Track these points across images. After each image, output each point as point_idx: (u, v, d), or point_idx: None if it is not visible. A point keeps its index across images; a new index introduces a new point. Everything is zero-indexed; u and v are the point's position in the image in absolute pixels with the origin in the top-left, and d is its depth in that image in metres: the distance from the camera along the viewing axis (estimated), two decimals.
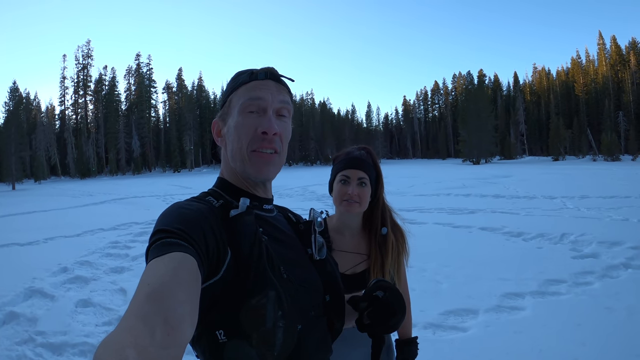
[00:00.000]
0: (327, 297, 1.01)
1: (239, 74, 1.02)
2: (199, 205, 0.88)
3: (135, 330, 0.56)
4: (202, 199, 0.94)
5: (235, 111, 0.97)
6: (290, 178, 30.77)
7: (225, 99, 1.02)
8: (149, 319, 0.58)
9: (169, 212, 0.83)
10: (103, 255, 7.50)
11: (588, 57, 76.96)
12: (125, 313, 0.60)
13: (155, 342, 0.55)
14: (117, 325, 0.57)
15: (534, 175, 23.04)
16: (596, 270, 5.40)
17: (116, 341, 0.53)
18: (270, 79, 0.99)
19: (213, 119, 1.06)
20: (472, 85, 73.86)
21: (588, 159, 52.24)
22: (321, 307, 1.00)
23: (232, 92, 1.00)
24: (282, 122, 0.98)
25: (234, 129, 0.96)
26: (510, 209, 10.91)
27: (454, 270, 5.70)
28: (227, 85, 1.04)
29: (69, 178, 61.48)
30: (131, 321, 0.57)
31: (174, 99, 76.80)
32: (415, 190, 17.75)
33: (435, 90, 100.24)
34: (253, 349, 0.78)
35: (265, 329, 0.78)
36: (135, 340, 0.54)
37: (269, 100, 0.96)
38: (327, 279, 1.03)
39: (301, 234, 1.06)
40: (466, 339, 3.73)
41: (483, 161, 54.68)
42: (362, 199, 1.72)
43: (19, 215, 14.71)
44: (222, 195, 0.96)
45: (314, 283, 0.98)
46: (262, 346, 0.78)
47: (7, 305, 4.94)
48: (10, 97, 63.13)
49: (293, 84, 1.09)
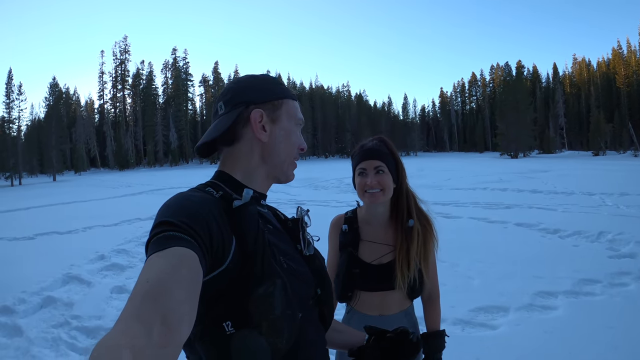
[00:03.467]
0: (319, 291, 1.03)
1: (282, 83, 1.08)
2: (203, 195, 0.88)
3: (132, 330, 0.55)
4: (202, 189, 0.93)
5: (289, 120, 1.04)
6: (326, 170, 30.80)
7: (277, 99, 1.02)
8: (146, 319, 0.57)
9: (172, 203, 0.82)
10: (139, 244, 7.72)
11: (630, 47, 73.22)
12: (122, 312, 0.59)
13: (151, 343, 0.55)
14: (114, 326, 0.57)
15: (573, 170, 22.30)
16: (633, 271, 5.18)
17: (112, 342, 0.53)
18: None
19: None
20: (510, 77, 71.66)
21: (629, 154, 49.90)
22: (314, 299, 1.02)
23: (286, 97, 1.04)
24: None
25: (287, 136, 1.03)
26: (547, 205, 10.61)
27: (487, 266, 5.60)
28: (273, 82, 1.05)
29: (108, 169, 63.41)
30: (128, 321, 0.57)
31: (211, 92, 78.04)
32: (452, 183, 17.53)
33: (472, 81, 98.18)
34: (263, 337, 0.78)
35: (274, 317, 0.79)
36: (131, 341, 0.53)
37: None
38: (317, 273, 1.05)
39: (289, 231, 1.07)
40: (495, 337, 3.67)
41: (521, 155, 53.36)
42: (383, 186, 1.70)
43: (59, 205, 15.31)
44: (222, 187, 0.95)
45: (307, 275, 1.00)
46: (271, 334, 0.79)
47: (46, 290, 5.15)
48: (51, 92, 65.08)
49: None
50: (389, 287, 1.70)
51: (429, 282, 1.77)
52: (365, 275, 1.71)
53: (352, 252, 1.75)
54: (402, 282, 1.66)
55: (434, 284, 1.83)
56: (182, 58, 76.57)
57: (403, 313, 1.76)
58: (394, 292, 1.72)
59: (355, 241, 1.78)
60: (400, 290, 1.71)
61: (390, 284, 1.68)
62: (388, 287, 1.70)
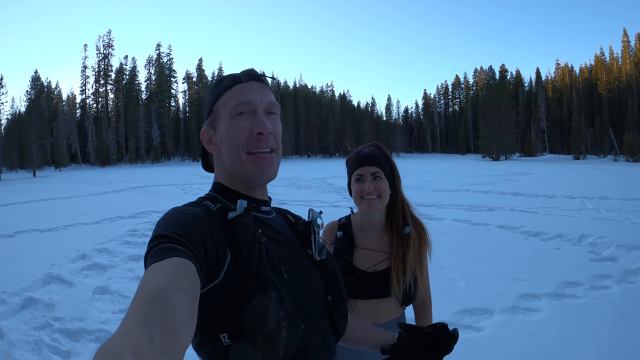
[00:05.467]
0: (329, 297, 1.02)
1: (220, 80, 1.03)
2: (197, 210, 0.88)
3: (134, 335, 0.55)
4: (200, 203, 0.95)
5: (224, 116, 0.97)
6: (308, 170, 30.72)
7: (211, 107, 1.02)
8: (148, 324, 0.58)
9: (167, 218, 0.84)
10: (121, 243, 7.62)
11: (612, 54, 74.69)
12: (123, 319, 0.60)
13: (154, 347, 0.55)
14: (116, 331, 0.57)
15: (554, 174, 22.67)
16: (614, 274, 5.29)
17: (114, 346, 0.53)
18: (253, 80, 1.00)
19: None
20: (493, 81, 72.71)
21: (609, 159, 51.04)
22: (323, 307, 1.01)
23: (217, 98, 1.00)
24: (273, 120, 0.99)
25: (226, 134, 0.96)
26: (529, 208, 10.77)
27: (470, 268, 5.65)
28: (210, 93, 1.04)
29: (89, 166, 62.38)
30: (130, 326, 0.57)
31: (194, 88, 77.27)
32: (434, 185, 17.63)
33: (456, 84, 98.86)
34: (258, 350, 0.79)
35: (268, 330, 0.79)
36: (133, 345, 0.53)
37: (257, 101, 0.97)
38: (329, 279, 1.04)
39: (300, 234, 1.06)
40: (481, 339, 3.70)
41: (503, 158, 54.04)
42: (380, 192, 1.70)
43: (39, 201, 15.04)
44: (219, 199, 0.97)
45: (315, 283, 0.99)
46: (266, 347, 0.79)
47: (26, 290, 5.05)
48: (32, 85, 64.10)
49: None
50: (384, 295, 1.70)
51: (422, 288, 1.78)
52: (360, 283, 1.71)
53: (347, 259, 1.74)
54: (397, 289, 1.66)
55: (427, 290, 1.85)
56: (166, 54, 75.67)
57: (396, 320, 1.76)
58: (387, 300, 1.73)
59: (349, 248, 1.77)
60: (394, 298, 1.72)
61: (386, 291, 1.69)
62: (383, 294, 1.70)
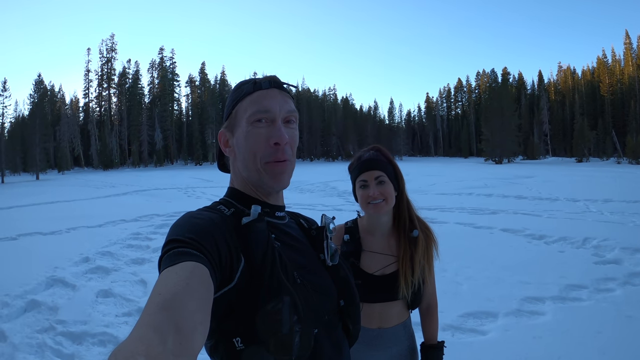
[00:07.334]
0: (342, 302, 1.02)
1: (241, 84, 1.02)
2: (211, 215, 0.89)
3: (147, 339, 0.55)
4: (214, 208, 0.95)
5: (243, 122, 0.97)
6: (311, 174, 30.82)
7: (231, 110, 1.01)
8: (161, 328, 0.58)
9: (181, 222, 0.84)
10: (124, 246, 7.62)
11: (614, 56, 74.81)
12: (137, 323, 0.60)
13: (167, 351, 0.55)
14: (129, 334, 0.57)
15: (557, 177, 22.63)
16: (618, 277, 5.26)
17: (128, 349, 0.53)
18: (274, 88, 0.99)
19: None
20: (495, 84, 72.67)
21: (612, 161, 50.99)
22: (336, 311, 1.01)
23: (237, 102, 0.99)
24: (290, 130, 0.98)
25: (244, 140, 0.96)
26: (532, 211, 10.73)
27: (474, 271, 5.63)
28: (230, 96, 1.03)
29: (92, 169, 62.61)
30: (143, 330, 0.57)
31: (197, 92, 77.63)
32: (437, 188, 17.66)
33: (458, 87, 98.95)
34: (271, 354, 0.79)
35: (282, 334, 0.79)
36: (147, 349, 0.53)
37: (276, 110, 0.96)
38: (341, 284, 1.04)
39: (313, 239, 1.06)
40: (485, 342, 3.68)
41: (505, 161, 53.86)
42: (385, 196, 1.70)
43: (43, 204, 15.05)
44: (234, 204, 0.97)
45: (327, 288, 0.99)
46: (279, 351, 0.79)
47: (29, 293, 5.05)
48: (35, 89, 64.38)
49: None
50: (392, 298, 1.70)
51: (429, 292, 1.78)
52: (367, 287, 1.70)
53: (355, 262, 1.74)
54: (406, 292, 1.66)
55: (433, 293, 1.84)
56: (169, 58, 76.26)
57: (402, 325, 1.76)
58: (394, 304, 1.72)
59: (357, 252, 1.77)
60: (401, 302, 1.72)
61: (393, 294, 1.68)
62: (390, 297, 1.70)
